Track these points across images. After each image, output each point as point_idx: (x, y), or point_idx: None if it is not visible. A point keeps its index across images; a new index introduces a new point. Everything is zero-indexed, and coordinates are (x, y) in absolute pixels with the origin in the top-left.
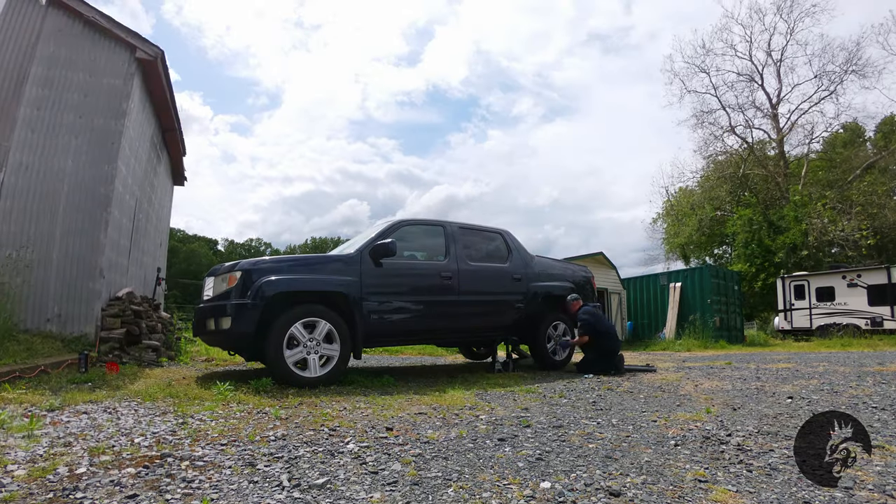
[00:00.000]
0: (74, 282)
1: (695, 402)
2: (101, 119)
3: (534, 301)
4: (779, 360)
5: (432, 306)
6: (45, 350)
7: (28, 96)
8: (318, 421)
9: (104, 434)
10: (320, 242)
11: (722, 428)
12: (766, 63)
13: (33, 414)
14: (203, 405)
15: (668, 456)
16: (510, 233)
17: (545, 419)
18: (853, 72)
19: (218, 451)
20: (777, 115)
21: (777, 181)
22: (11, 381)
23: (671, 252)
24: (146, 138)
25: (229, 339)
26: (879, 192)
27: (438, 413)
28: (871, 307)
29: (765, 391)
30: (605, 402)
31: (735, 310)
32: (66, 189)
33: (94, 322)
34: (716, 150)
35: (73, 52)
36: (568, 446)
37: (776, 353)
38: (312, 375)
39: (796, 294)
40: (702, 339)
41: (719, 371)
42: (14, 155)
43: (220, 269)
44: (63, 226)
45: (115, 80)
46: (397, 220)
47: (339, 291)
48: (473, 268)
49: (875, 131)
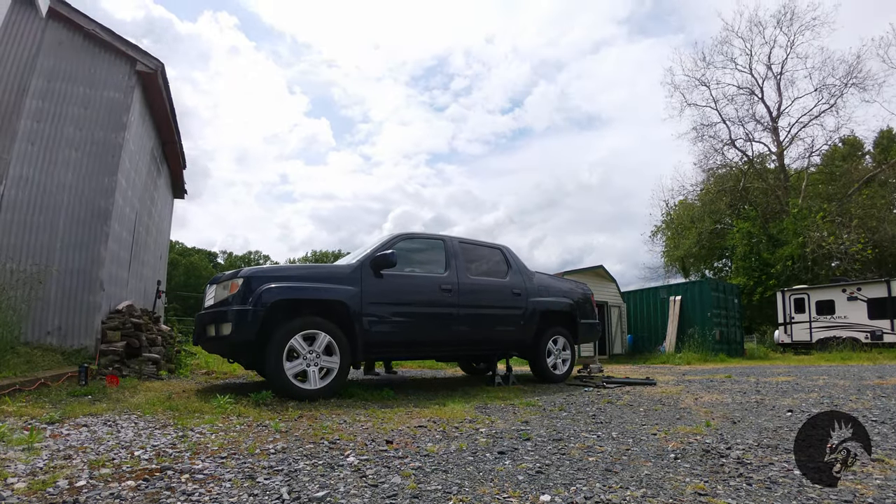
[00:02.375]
0: (74, 294)
1: (695, 416)
2: (102, 132)
3: (533, 316)
4: (778, 374)
5: (432, 319)
6: (45, 363)
7: (28, 109)
8: (317, 434)
9: (104, 447)
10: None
11: (722, 441)
12: (767, 76)
13: (33, 427)
14: (203, 418)
15: (667, 469)
16: (510, 249)
17: (545, 432)
18: (853, 85)
19: (218, 464)
20: (777, 129)
21: (777, 194)
22: (11, 393)
23: (670, 265)
24: (146, 151)
25: (229, 346)
26: (879, 206)
27: (438, 426)
28: (871, 320)
29: (765, 404)
30: (605, 416)
31: (735, 323)
32: (66, 202)
33: (95, 335)
34: (716, 164)
35: (73, 65)
36: (568, 459)
37: (776, 367)
38: (312, 388)
39: (796, 307)
40: (702, 353)
41: (719, 384)
42: (14, 168)
43: (222, 277)
44: (63, 239)
45: (116, 93)
46: (398, 232)
47: (339, 300)
48: (473, 281)
49: (874, 144)
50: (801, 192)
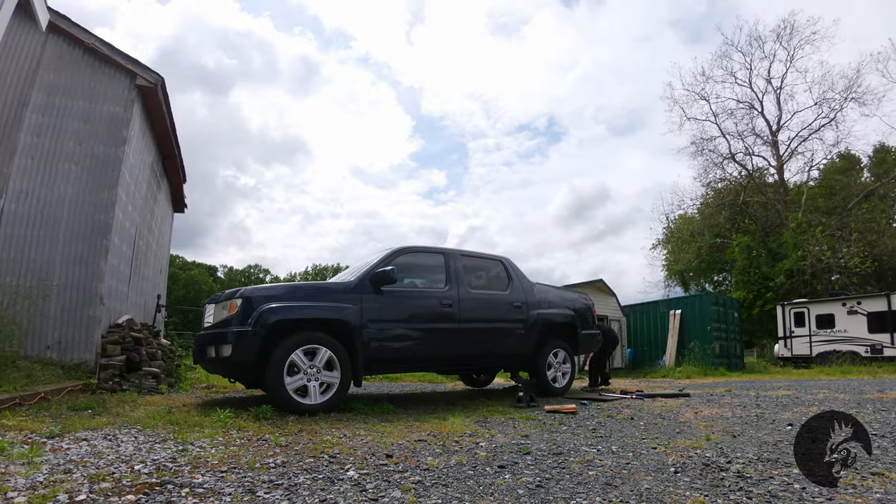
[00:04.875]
0: (74, 309)
1: (695, 429)
2: (102, 146)
3: (534, 329)
4: (778, 388)
5: (432, 334)
6: (45, 377)
7: (28, 123)
8: (318, 448)
9: (104, 461)
10: (321, 269)
11: (722, 455)
12: (766, 90)
13: (33, 441)
14: (203, 432)
15: (667, 483)
16: (511, 260)
17: (545, 446)
18: (853, 99)
19: (218, 479)
20: (777, 143)
21: (776, 208)
22: (11, 408)
23: (670, 278)
24: (146, 165)
25: (230, 367)
26: (878, 219)
27: (438, 440)
28: (871, 334)
29: (765, 418)
30: (605, 429)
31: (735, 337)
32: (66, 216)
33: (95, 349)
34: (715, 178)
35: (73, 79)
36: (568, 473)
37: (776, 381)
38: (312, 402)
39: (796, 321)
40: (702, 366)
41: (719, 398)
42: (14, 182)
43: (221, 296)
44: (63, 253)
45: (116, 107)
46: (398, 247)
47: (339, 319)
48: (474, 295)
49: (870, 158)
50: (800, 206)
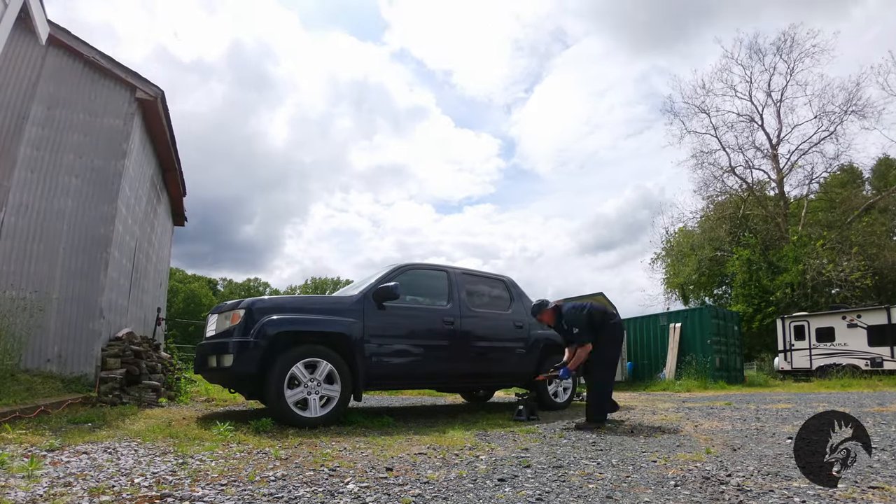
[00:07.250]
0: (74, 322)
1: (695, 443)
2: (101, 159)
3: (535, 348)
4: (778, 401)
5: (434, 351)
6: (45, 390)
7: (28, 136)
8: (318, 461)
9: (104, 474)
10: (320, 283)
11: (722, 468)
12: (766, 103)
13: (33, 454)
14: (203, 445)
15: (667, 496)
16: (513, 280)
17: (545, 459)
18: (853, 112)
19: (218, 492)
20: (777, 156)
21: (777, 221)
22: (11, 421)
23: (670, 291)
24: (146, 178)
25: (231, 377)
26: (878, 233)
27: (438, 453)
28: (871, 347)
29: (765, 431)
30: (604, 443)
31: (735, 350)
32: (66, 229)
33: (94, 362)
34: (715, 191)
35: (73, 92)
36: (568, 486)
37: (776, 394)
38: (313, 416)
39: (796, 334)
40: (701, 380)
41: (719, 411)
42: (14, 195)
43: (224, 306)
44: (63, 266)
45: (116, 120)
46: (401, 264)
47: (341, 333)
48: (476, 314)
49: (871, 171)
50: (800, 219)
